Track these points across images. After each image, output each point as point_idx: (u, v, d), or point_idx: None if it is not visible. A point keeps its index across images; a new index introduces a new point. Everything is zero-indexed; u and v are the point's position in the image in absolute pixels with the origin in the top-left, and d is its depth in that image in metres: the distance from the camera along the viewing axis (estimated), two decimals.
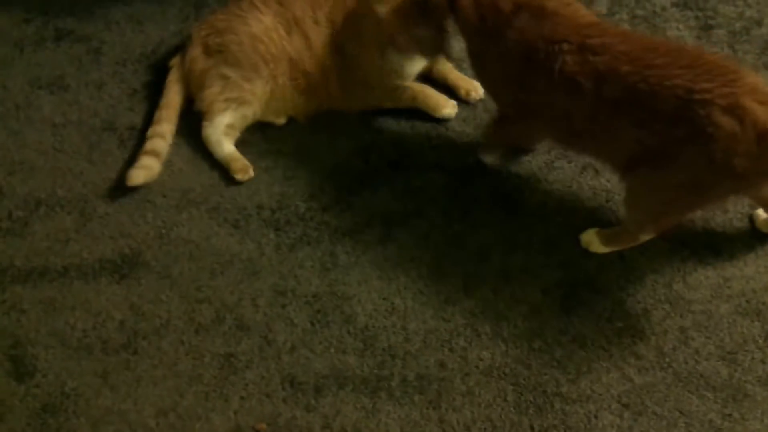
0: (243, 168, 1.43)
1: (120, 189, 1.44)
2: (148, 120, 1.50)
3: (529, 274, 1.31)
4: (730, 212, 1.34)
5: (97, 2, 1.69)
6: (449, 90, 1.51)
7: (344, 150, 1.47)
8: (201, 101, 1.47)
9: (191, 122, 1.49)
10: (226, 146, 1.45)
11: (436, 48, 1.38)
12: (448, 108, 1.48)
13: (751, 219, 1.33)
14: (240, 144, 1.48)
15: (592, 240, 1.30)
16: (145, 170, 1.42)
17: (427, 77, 1.53)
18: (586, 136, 1.23)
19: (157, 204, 1.43)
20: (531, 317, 1.27)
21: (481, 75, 1.37)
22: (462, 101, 1.51)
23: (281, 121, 1.49)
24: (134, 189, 1.43)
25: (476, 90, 1.50)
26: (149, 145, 1.45)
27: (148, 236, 1.40)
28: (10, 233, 1.41)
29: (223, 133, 1.45)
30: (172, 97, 1.50)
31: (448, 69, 1.52)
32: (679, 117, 1.09)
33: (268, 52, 1.44)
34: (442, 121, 1.49)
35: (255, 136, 1.49)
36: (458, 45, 1.40)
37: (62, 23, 1.67)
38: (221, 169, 1.46)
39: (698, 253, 1.31)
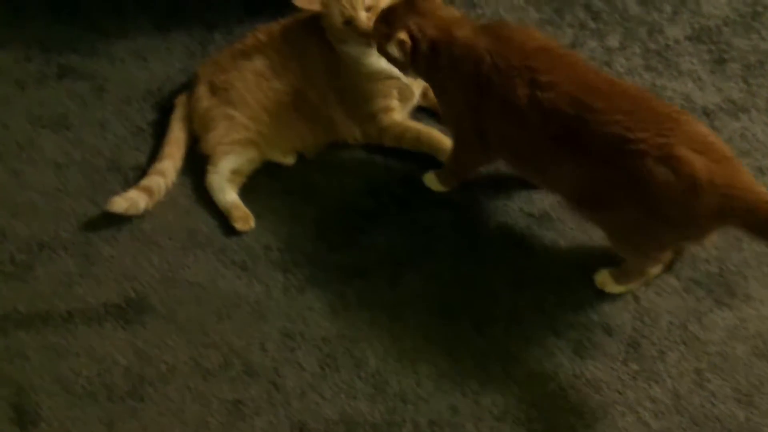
0: (243, 217, 1.53)
1: (124, 231, 1.55)
2: (154, 159, 1.61)
3: (541, 314, 1.41)
4: (745, 250, 1.44)
5: (100, 38, 1.82)
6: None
7: (352, 189, 1.58)
8: (205, 143, 1.59)
9: (198, 161, 1.61)
10: (228, 194, 1.55)
11: None
12: (431, 182, 1.54)
13: None
14: (246, 184, 1.59)
15: (606, 280, 1.41)
16: (128, 202, 1.52)
17: (434, 112, 1.65)
18: (533, 166, 1.37)
19: (163, 246, 1.54)
20: (544, 359, 1.37)
21: (445, 109, 1.49)
22: None
23: (289, 160, 1.61)
24: (138, 231, 1.54)
25: None
26: (145, 181, 1.56)
27: (154, 279, 1.51)
28: (12, 277, 1.52)
29: (227, 180, 1.56)
30: (176, 134, 1.62)
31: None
32: (615, 163, 1.21)
33: (270, 87, 1.56)
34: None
35: (262, 175, 1.61)
36: None
37: (65, 60, 1.80)
38: None
39: (713, 292, 1.41)
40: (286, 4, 1.66)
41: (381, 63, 1.51)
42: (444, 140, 1.57)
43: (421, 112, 1.66)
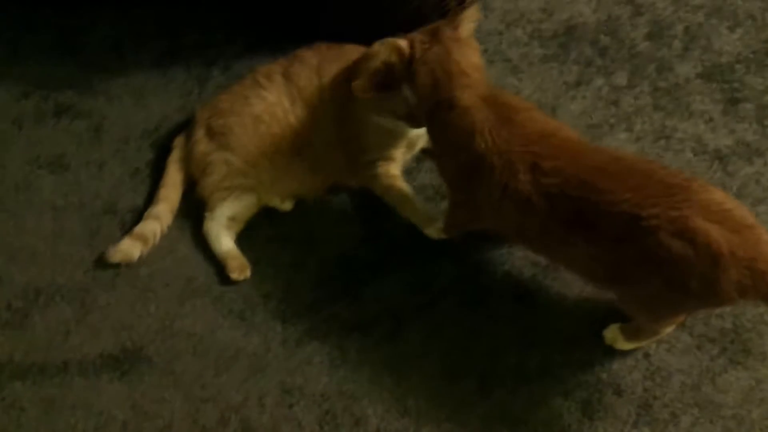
0: (240, 267, 1.40)
1: (121, 277, 1.43)
2: (151, 201, 1.48)
3: (548, 374, 1.27)
4: (760, 306, 1.29)
5: (97, 75, 1.68)
6: None
7: (353, 236, 1.44)
8: (202, 188, 1.45)
9: (196, 205, 1.47)
10: (224, 242, 1.42)
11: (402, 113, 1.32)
12: (430, 229, 1.39)
13: None
14: (244, 230, 1.46)
15: (616, 337, 1.26)
16: (121, 253, 1.41)
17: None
18: (539, 246, 1.23)
19: (160, 294, 1.41)
20: (551, 422, 1.23)
21: (438, 163, 1.34)
22: None
23: (287, 206, 1.46)
24: (135, 278, 1.41)
25: None
26: (139, 227, 1.43)
27: (151, 329, 1.38)
28: (9, 326, 1.40)
29: (224, 227, 1.43)
30: (173, 177, 1.48)
31: None
32: (629, 242, 1.08)
33: (270, 131, 1.42)
34: None
35: (260, 221, 1.47)
36: None
37: (62, 98, 1.66)
38: None
39: (728, 351, 1.26)
40: (284, 40, 1.54)
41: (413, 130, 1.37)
42: (420, 218, 1.39)
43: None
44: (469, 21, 1.24)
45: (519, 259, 1.38)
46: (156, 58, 1.68)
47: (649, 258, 1.07)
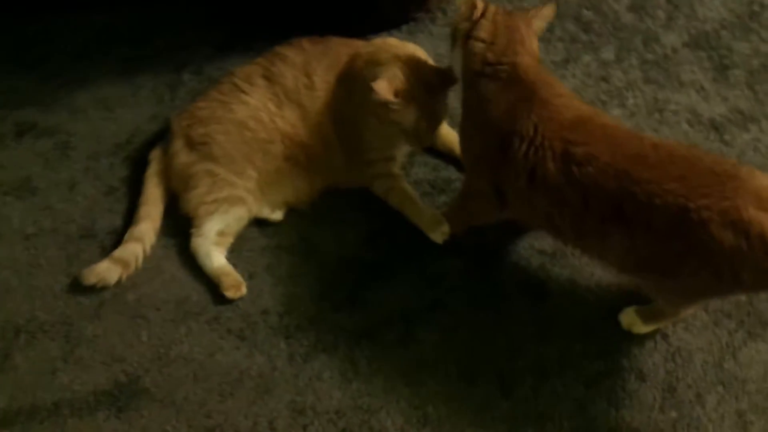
0: (234, 284, 1.24)
1: (107, 305, 1.25)
2: (130, 222, 1.30)
3: (568, 366, 1.16)
4: None
5: (60, 87, 1.47)
6: (457, 161, 1.33)
7: (352, 239, 1.30)
8: (186, 203, 1.28)
9: (182, 221, 1.30)
10: (215, 259, 1.26)
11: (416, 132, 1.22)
12: (435, 233, 1.25)
13: None
14: (235, 242, 1.30)
15: (633, 321, 1.16)
16: (96, 276, 1.24)
17: (431, 148, 1.36)
18: (568, 236, 1.11)
19: (151, 319, 1.25)
20: (577, 415, 1.12)
21: (463, 143, 1.21)
22: None
23: (278, 216, 1.31)
24: (123, 304, 1.24)
25: None
26: (119, 251, 1.26)
27: (145, 358, 1.21)
28: None
29: (213, 243, 1.26)
30: (152, 192, 1.30)
31: (455, 141, 1.35)
32: (675, 233, 0.96)
33: (256, 138, 1.26)
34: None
35: (252, 231, 1.31)
36: None
37: (23, 115, 1.45)
38: None
39: (745, 324, 1.17)
40: (257, 37, 1.37)
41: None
42: (424, 222, 1.26)
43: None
44: (542, 18, 1.13)
45: (525, 249, 1.26)
46: (122, 64, 1.48)
47: (698, 250, 0.95)
